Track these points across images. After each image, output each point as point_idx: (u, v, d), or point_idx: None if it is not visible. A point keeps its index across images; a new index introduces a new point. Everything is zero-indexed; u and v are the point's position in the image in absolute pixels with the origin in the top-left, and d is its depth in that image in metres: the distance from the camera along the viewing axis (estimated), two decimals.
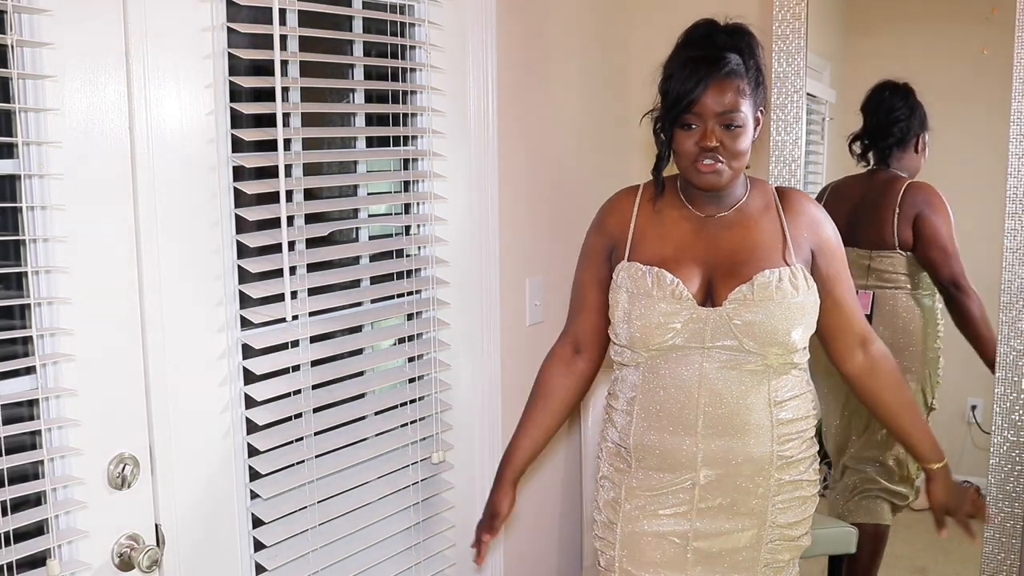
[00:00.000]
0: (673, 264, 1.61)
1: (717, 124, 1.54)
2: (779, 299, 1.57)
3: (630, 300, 1.61)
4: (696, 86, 1.52)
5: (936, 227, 2.22)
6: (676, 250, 1.63)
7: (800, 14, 2.28)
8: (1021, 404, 2.13)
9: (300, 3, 1.62)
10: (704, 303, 1.59)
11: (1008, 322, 2.13)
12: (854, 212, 2.28)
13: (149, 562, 1.38)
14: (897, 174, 2.28)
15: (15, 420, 1.27)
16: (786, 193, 1.70)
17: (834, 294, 1.67)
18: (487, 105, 1.99)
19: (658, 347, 1.60)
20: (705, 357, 1.59)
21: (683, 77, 1.54)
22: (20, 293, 1.29)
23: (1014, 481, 2.15)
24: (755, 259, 1.60)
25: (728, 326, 1.57)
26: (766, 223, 1.65)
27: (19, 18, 1.22)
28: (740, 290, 1.57)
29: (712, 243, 1.63)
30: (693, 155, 1.56)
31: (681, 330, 1.58)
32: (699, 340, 1.58)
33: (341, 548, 1.77)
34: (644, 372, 1.63)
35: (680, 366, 1.60)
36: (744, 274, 1.59)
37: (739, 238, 1.63)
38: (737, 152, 1.56)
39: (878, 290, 2.27)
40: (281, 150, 1.55)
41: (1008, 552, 2.17)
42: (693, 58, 1.55)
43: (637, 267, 1.62)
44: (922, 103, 2.28)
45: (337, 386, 1.76)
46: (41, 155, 1.25)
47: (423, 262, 1.94)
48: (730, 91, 1.53)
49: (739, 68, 1.55)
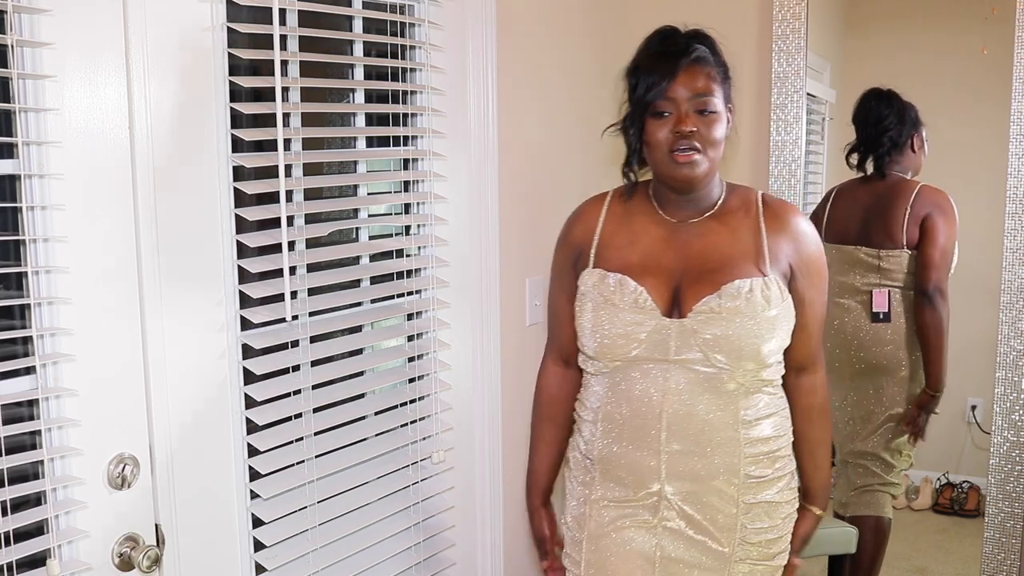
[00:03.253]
0: (639, 271, 1.54)
1: (692, 109, 1.48)
2: (749, 312, 1.48)
3: (594, 309, 1.55)
4: (667, 72, 1.48)
5: (941, 229, 2.24)
6: (643, 257, 1.56)
7: (800, 14, 2.29)
8: (1021, 404, 2.13)
9: (300, 3, 1.62)
10: (671, 313, 1.52)
11: (1008, 322, 2.13)
12: (866, 213, 2.31)
13: (149, 562, 1.38)
14: (903, 177, 2.30)
15: (15, 420, 1.27)
16: (773, 202, 1.61)
17: (800, 319, 1.58)
18: (487, 105, 1.99)
19: (622, 358, 1.54)
20: (670, 370, 1.51)
21: (651, 67, 1.50)
22: (20, 293, 1.29)
23: (1014, 481, 2.15)
24: (726, 268, 1.52)
25: (694, 339, 1.49)
26: (743, 230, 1.56)
27: (19, 18, 1.22)
28: (707, 301, 1.50)
29: (682, 250, 1.56)
30: (668, 144, 1.49)
31: (645, 341, 1.51)
32: (663, 352, 1.51)
33: (341, 548, 1.77)
34: (609, 383, 1.58)
35: (644, 379, 1.53)
36: (714, 283, 1.51)
37: (711, 245, 1.55)
38: (714, 139, 1.49)
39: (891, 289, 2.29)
40: (281, 150, 1.55)
41: (1008, 552, 2.17)
42: (660, 51, 1.51)
43: (601, 274, 1.56)
44: (911, 104, 2.28)
45: (337, 386, 1.76)
46: (41, 155, 1.25)
47: (423, 262, 1.94)
48: (701, 75, 1.49)
49: (707, 55, 1.51)
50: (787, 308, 1.54)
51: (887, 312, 2.27)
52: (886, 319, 2.27)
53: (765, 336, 1.49)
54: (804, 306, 1.58)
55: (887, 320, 2.27)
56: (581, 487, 1.65)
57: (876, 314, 2.27)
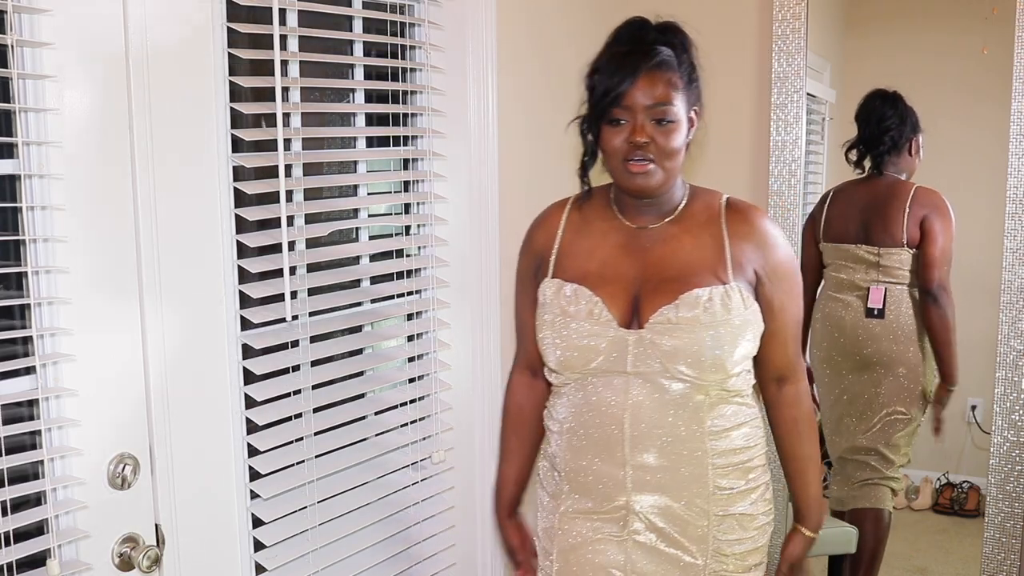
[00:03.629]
0: (596, 280, 1.49)
1: (648, 119, 1.41)
2: (707, 321, 1.43)
3: (552, 321, 1.50)
4: (625, 78, 1.41)
5: (940, 229, 2.27)
6: (601, 265, 1.51)
7: (800, 14, 2.29)
8: (1021, 404, 2.13)
9: (300, 3, 1.62)
10: (630, 323, 1.46)
11: (1008, 322, 2.13)
12: (864, 212, 2.35)
13: (149, 562, 1.38)
14: (899, 178, 2.34)
15: (15, 420, 1.27)
16: (737, 206, 1.54)
17: (771, 326, 1.51)
18: (487, 105, 1.99)
19: (582, 370, 1.49)
20: (630, 382, 1.46)
21: (611, 71, 1.43)
22: (20, 293, 1.29)
23: (1014, 481, 2.15)
24: (686, 276, 1.46)
25: (652, 350, 1.44)
26: (705, 236, 1.50)
27: (19, 18, 1.22)
28: (663, 311, 1.44)
29: (641, 257, 1.50)
30: (623, 153, 1.43)
31: (604, 352, 1.46)
32: (621, 365, 1.46)
33: (341, 548, 1.76)
34: (573, 395, 1.53)
35: (607, 390, 1.48)
36: (672, 292, 1.45)
37: (671, 252, 1.50)
38: (670, 150, 1.43)
39: (888, 285, 2.31)
40: (281, 150, 1.55)
41: (1008, 552, 2.17)
42: (621, 52, 1.44)
43: (559, 284, 1.52)
44: (912, 108, 2.31)
45: (337, 386, 1.76)
46: (41, 155, 1.25)
47: (423, 262, 1.94)
48: (661, 83, 1.41)
49: (670, 60, 1.43)
50: (751, 316, 1.48)
51: (881, 308, 2.30)
52: (879, 315, 2.30)
53: (727, 346, 1.44)
54: (775, 312, 1.52)
55: (880, 316, 2.30)
56: (551, 499, 1.61)
57: (870, 310, 2.31)
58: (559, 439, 1.56)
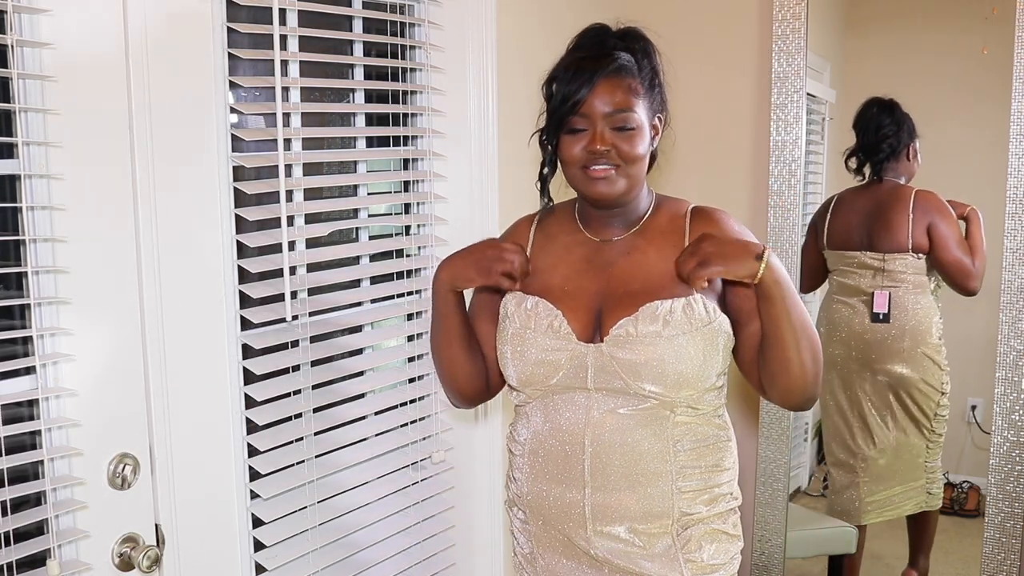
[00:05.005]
0: (559, 294, 1.43)
1: (608, 126, 1.36)
2: (668, 335, 1.35)
3: (513, 335, 1.44)
4: (582, 85, 1.35)
5: (947, 235, 2.29)
6: (563, 279, 1.45)
7: (800, 14, 2.29)
8: (1021, 404, 2.13)
9: (300, 3, 1.62)
10: (592, 338, 1.40)
11: (1008, 322, 2.13)
12: (867, 219, 2.38)
13: (149, 562, 1.38)
14: (899, 183, 2.36)
15: (15, 420, 1.27)
16: (700, 212, 1.47)
17: (750, 328, 1.42)
18: (487, 105, 1.99)
19: (543, 387, 1.43)
20: (592, 399, 1.39)
21: (568, 78, 1.37)
22: (20, 293, 1.29)
23: (1014, 481, 2.15)
24: (648, 289, 1.40)
25: (613, 365, 1.37)
26: (668, 248, 1.43)
27: (19, 18, 1.22)
28: (623, 324, 1.37)
29: (604, 270, 1.44)
30: (581, 160, 1.37)
31: (564, 367, 1.40)
32: (582, 380, 1.39)
33: (341, 548, 1.77)
34: (534, 415, 1.46)
35: (567, 408, 1.41)
36: (634, 305, 1.38)
37: (635, 264, 1.43)
38: (632, 157, 1.37)
39: (892, 290, 2.34)
40: (281, 150, 1.55)
41: (1008, 552, 2.17)
42: (579, 58, 1.39)
43: (520, 297, 1.45)
44: (908, 114, 2.35)
45: (337, 386, 1.76)
46: (41, 155, 1.25)
47: (423, 262, 1.94)
48: (620, 90, 1.36)
49: (629, 65, 1.38)
50: (718, 327, 1.39)
51: (887, 313, 2.33)
52: (885, 320, 2.32)
53: (693, 360, 1.36)
54: (751, 316, 1.42)
55: (886, 321, 2.32)
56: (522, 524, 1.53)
57: (876, 315, 2.33)
58: (520, 460, 1.49)
